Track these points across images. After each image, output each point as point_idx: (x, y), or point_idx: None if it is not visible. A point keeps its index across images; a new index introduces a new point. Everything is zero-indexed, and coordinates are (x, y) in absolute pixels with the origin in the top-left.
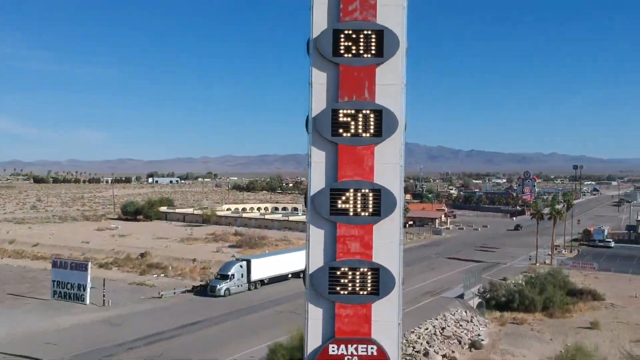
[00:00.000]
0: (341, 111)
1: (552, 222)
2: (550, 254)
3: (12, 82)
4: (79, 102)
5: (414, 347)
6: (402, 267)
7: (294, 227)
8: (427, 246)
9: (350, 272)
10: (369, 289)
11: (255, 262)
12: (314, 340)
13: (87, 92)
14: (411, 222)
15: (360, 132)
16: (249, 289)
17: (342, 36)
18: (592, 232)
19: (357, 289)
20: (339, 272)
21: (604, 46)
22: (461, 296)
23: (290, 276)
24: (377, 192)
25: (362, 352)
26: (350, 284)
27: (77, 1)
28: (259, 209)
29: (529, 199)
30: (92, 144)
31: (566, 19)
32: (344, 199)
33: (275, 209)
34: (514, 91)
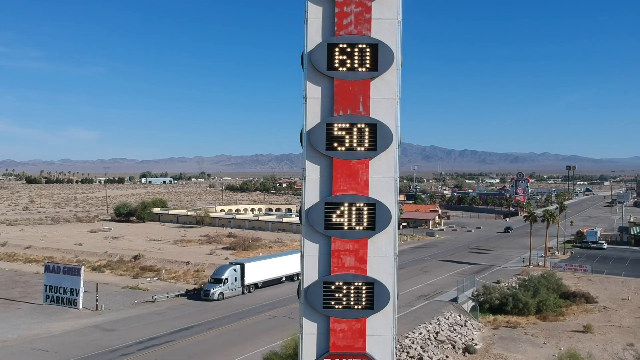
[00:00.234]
0: (336, 125)
1: (545, 224)
2: (543, 256)
3: (4, 82)
4: (72, 101)
5: (408, 353)
6: (397, 281)
7: (288, 228)
8: (421, 248)
9: (344, 287)
10: (364, 303)
11: (249, 266)
12: (309, 355)
13: (80, 92)
14: (405, 224)
15: (355, 146)
16: (243, 293)
17: (336, 50)
18: (585, 233)
19: (352, 303)
20: (333, 287)
21: (596, 46)
22: (455, 299)
23: (284, 279)
24: (372, 206)
25: None
26: (344, 299)
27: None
28: (252, 210)
29: (522, 199)
30: (85, 144)
31: (558, 19)
32: (338, 213)
33: (269, 209)
34: (507, 91)
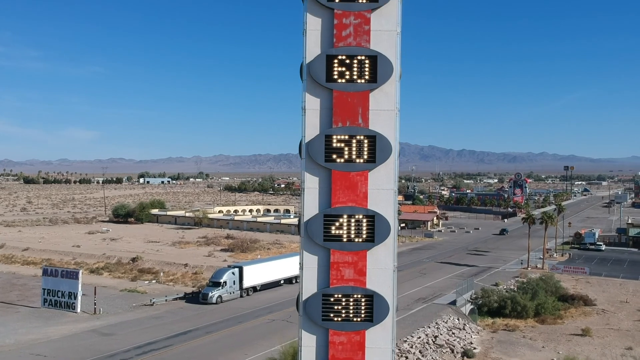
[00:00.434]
0: (335, 137)
1: (544, 226)
2: (542, 257)
3: (2, 82)
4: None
5: (407, 357)
6: (396, 293)
7: (286, 229)
8: (419, 249)
9: (344, 299)
10: (363, 315)
11: (247, 269)
12: None
13: (79, 92)
14: (403, 225)
15: (354, 158)
16: (241, 296)
17: (335, 61)
18: (583, 235)
19: (351, 315)
20: (332, 299)
21: (594, 46)
22: (453, 302)
23: (282, 282)
24: (371, 218)
25: None
26: (344, 311)
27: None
28: (250, 210)
29: (520, 200)
30: (83, 144)
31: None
32: (337, 224)
33: (267, 210)
34: (505, 91)
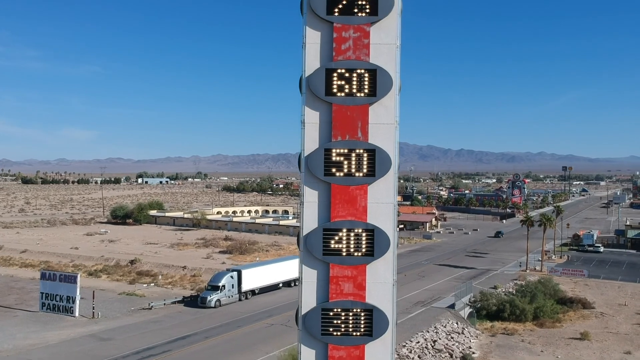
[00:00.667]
0: (334, 151)
1: (543, 229)
2: (540, 260)
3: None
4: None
5: None
6: (396, 307)
7: (285, 231)
8: (418, 251)
9: (343, 313)
10: (362, 330)
11: (246, 273)
12: None
13: (77, 91)
14: (402, 226)
15: (353, 171)
16: (240, 300)
17: (335, 75)
18: (581, 236)
19: (351, 330)
20: (332, 313)
21: (593, 46)
22: (452, 306)
23: (281, 285)
24: (371, 232)
25: None
26: (343, 325)
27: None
28: (249, 211)
29: (518, 201)
30: (81, 143)
31: (555, 19)
32: (337, 239)
33: (265, 211)
34: (504, 91)
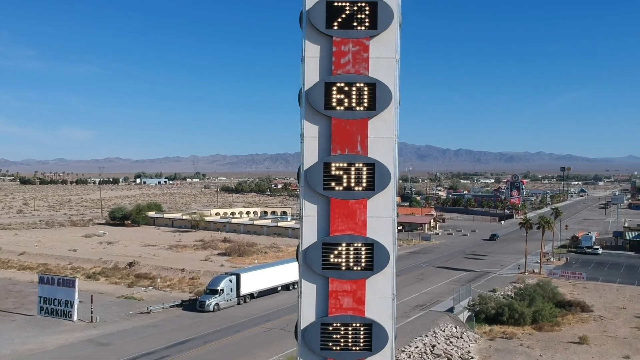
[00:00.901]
0: (333, 165)
1: (541, 231)
2: (539, 262)
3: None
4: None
5: None
6: (395, 322)
7: (283, 233)
8: (417, 253)
9: (342, 328)
10: (362, 344)
11: (244, 276)
12: None
13: (76, 91)
14: (400, 227)
15: (352, 185)
16: (239, 303)
17: (334, 89)
18: (580, 238)
19: (350, 344)
20: (331, 328)
21: (591, 46)
22: (451, 310)
23: (279, 289)
24: (370, 246)
25: None
26: (342, 340)
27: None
28: (247, 213)
29: (517, 202)
30: (80, 143)
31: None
32: (336, 253)
33: (264, 213)
34: (502, 91)
